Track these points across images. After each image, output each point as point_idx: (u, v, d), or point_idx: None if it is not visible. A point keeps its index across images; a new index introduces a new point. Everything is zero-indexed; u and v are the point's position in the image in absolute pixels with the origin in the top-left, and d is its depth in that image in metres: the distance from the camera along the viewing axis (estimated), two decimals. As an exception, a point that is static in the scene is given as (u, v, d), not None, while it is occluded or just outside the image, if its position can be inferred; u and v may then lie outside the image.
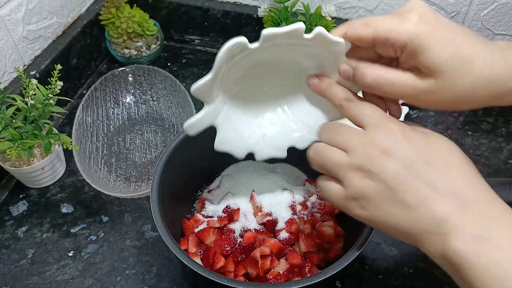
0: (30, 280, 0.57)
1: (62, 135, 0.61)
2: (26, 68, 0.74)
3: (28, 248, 0.60)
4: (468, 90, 0.35)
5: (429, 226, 0.33)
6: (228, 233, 0.52)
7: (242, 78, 0.44)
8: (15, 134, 0.58)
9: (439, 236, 0.32)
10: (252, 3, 0.88)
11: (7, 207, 0.65)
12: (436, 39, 0.34)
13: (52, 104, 0.60)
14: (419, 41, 0.34)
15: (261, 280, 0.50)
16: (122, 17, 0.82)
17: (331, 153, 0.37)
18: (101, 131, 0.71)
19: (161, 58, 0.92)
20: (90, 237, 0.61)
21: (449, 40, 0.34)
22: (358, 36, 0.37)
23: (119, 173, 0.68)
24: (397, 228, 0.34)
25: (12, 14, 0.69)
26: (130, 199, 0.66)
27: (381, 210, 0.35)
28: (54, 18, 0.79)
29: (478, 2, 0.77)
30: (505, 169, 0.70)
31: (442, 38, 0.34)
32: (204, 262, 0.50)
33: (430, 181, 0.33)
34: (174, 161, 0.53)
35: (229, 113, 0.46)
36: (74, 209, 0.65)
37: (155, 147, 0.72)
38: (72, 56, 0.81)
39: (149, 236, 0.61)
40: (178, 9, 0.90)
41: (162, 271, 0.58)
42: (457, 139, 0.74)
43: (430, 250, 0.33)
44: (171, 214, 0.51)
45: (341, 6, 0.84)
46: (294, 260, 0.50)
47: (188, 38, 0.95)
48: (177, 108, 0.74)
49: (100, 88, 0.71)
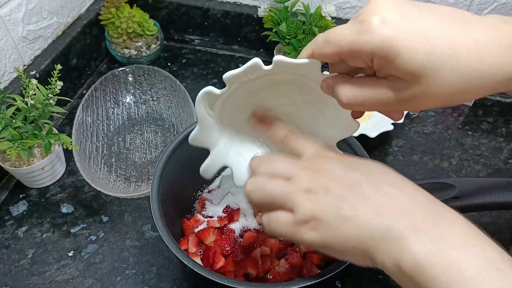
0: (30, 280, 0.57)
1: (62, 135, 0.61)
2: (26, 68, 0.74)
3: (28, 248, 0.60)
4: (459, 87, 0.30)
5: (378, 231, 0.31)
6: (228, 233, 0.52)
7: (241, 114, 0.44)
8: (15, 134, 0.58)
9: (391, 240, 0.31)
10: (252, 3, 0.88)
11: (7, 207, 0.65)
12: (405, 41, 0.30)
13: (52, 104, 0.60)
14: (386, 49, 0.30)
15: (261, 280, 0.50)
16: (122, 17, 0.82)
17: (274, 183, 0.36)
18: (101, 131, 0.71)
19: (161, 58, 0.92)
20: (90, 237, 0.61)
21: (421, 37, 0.30)
22: (323, 55, 0.35)
23: (119, 173, 0.68)
24: (350, 242, 0.33)
25: (12, 14, 0.69)
26: (130, 199, 0.66)
27: (332, 226, 0.33)
28: (54, 18, 0.79)
29: (478, 2, 0.77)
30: (505, 169, 0.70)
31: (412, 38, 0.30)
32: (204, 262, 0.50)
33: (373, 188, 0.33)
34: (174, 161, 0.53)
35: (239, 149, 0.46)
36: (74, 209, 0.65)
37: (155, 147, 0.72)
38: (72, 56, 0.81)
39: (149, 236, 0.61)
40: (178, 9, 0.90)
41: (162, 271, 0.58)
42: (457, 139, 0.75)
43: (385, 259, 0.31)
44: (171, 214, 0.51)
45: (341, 6, 0.84)
46: (294, 260, 0.50)
47: (188, 38, 0.95)
48: (177, 108, 0.74)
49: (100, 88, 0.71)
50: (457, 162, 0.71)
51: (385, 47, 0.30)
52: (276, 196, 0.36)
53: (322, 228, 0.34)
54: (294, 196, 0.35)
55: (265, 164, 0.39)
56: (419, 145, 0.74)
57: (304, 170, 0.36)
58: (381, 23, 0.30)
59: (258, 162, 0.40)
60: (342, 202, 0.33)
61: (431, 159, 0.71)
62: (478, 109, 0.80)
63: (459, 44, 0.30)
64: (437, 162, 0.71)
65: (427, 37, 0.30)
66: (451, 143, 0.74)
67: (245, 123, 0.45)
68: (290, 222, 0.35)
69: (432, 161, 0.71)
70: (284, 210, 0.36)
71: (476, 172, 0.70)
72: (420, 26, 0.30)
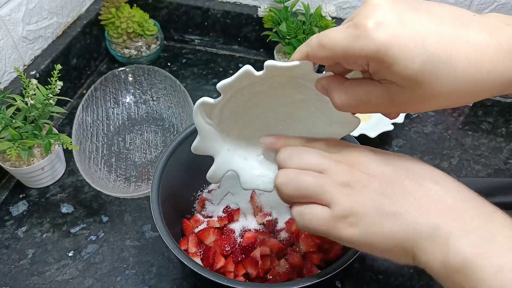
0: (30, 280, 0.57)
1: (62, 135, 0.61)
2: (26, 68, 0.74)
3: (28, 248, 0.60)
4: (454, 93, 0.30)
5: (425, 230, 0.30)
6: (228, 233, 0.52)
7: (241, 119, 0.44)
8: (15, 134, 0.58)
9: (438, 239, 0.30)
10: (252, 3, 0.88)
11: (7, 207, 0.65)
12: (401, 47, 0.28)
13: (52, 104, 0.60)
14: (382, 55, 0.29)
15: (261, 280, 0.50)
16: (122, 17, 0.82)
17: (307, 176, 0.34)
18: (101, 131, 0.71)
19: (161, 58, 0.92)
20: (90, 237, 0.61)
21: (418, 43, 0.28)
22: (318, 59, 0.34)
23: (119, 173, 0.68)
24: (393, 240, 0.31)
25: (12, 14, 0.69)
26: (130, 199, 0.66)
27: (373, 223, 0.32)
28: (54, 18, 0.79)
29: (478, 2, 0.77)
30: (505, 169, 0.70)
31: (409, 44, 0.28)
32: (204, 262, 0.50)
33: (415, 184, 0.32)
34: (174, 161, 0.53)
35: (242, 153, 0.46)
36: (74, 209, 0.65)
37: (155, 147, 0.72)
38: (72, 56, 0.81)
39: (149, 236, 0.61)
40: (178, 9, 0.90)
41: (162, 271, 0.58)
42: (457, 139, 0.75)
43: (430, 259, 0.30)
44: (171, 214, 0.51)
45: (341, 6, 0.84)
46: (294, 260, 0.50)
47: (188, 38, 0.95)
48: (177, 108, 0.74)
49: (100, 88, 0.71)
50: (457, 162, 0.71)
51: (380, 54, 0.29)
52: (311, 188, 0.34)
53: (363, 224, 0.32)
54: (331, 189, 0.33)
55: (295, 157, 0.36)
56: (419, 145, 0.74)
57: (338, 163, 0.34)
58: (376, 27, 0.29)
59: (287, 154, 0.37)
60: (384, 197, 0.32)
61: (431, 159, 0.71)
62: (478, 109, 0.80)
63: (457, 51, 0.29)
64: (437, 162, 0.71)
65: (424, 43, 0.29)
66: (451, 143, 0.74)
67: (246, 128, 0.45)
68: (327, 217, 0.33)
69: (432, 161, 0.71)
70: (319, 204, 0.34)
71: (476, 172, 0.70)
72: (418, 30, 0.29)
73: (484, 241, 0.29)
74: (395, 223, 0.31)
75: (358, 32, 0.29)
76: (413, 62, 0.29)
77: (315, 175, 0.35)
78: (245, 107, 0.43)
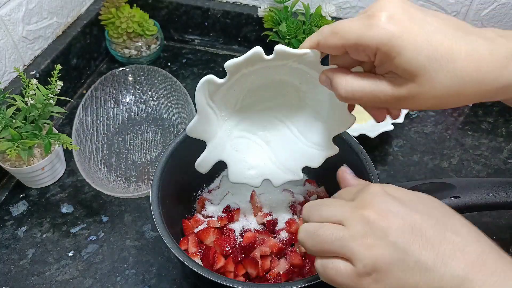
0: (30, 280, 0.57)
1: (62, 135, 0.61)
2: (26, 68, 0.74)
3: (28, 248, 0.60)
4: (452, 91, 0.32)
5: (451, 284, 0.29)
6: (228, 233, 0.52)
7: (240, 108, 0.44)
8: (15, 134, 0.58)
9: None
10: (252, 3, 0.88)
11: (7, 207, 0.65)
12: (409, 40, 0.31)
13: (52, 104, 0.60)
14: (390, 45, 0.32)
15: (261, 280, 0.50)
16: (122, 17, 0.82)
17: (326, 229, 0.34)
18: (101, 131, 0.71)
19: (161, 58, 0.92)
20: (90, 237, 0.61)
21: (424, 39, 0.31)
22: (328, 46, 0.35)
23: (119, 173, 0.68)
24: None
25: (12, 14, 0.69)
26: (130, 199, 0.66)
27: (398, 278, 0.31)
28: (54, 18, 0.79)
29: (478, 2, 0.77)
30: (505, 169, 0.70)
31: (416, 38, 0.31)
32: (204, 262, 0.50)
33: (438, 235, 0.31)
34: (174, 161, 0.53)
35: (235, 144, 0.46)
36: (74, 209, 0.65)
37: (155, 147, 0.72)
38: (72, 56, 0.81)
39: (149, 236, 0.61)
40: (178, 9, 0.90)
41: (162, 271, 0.58)
42: (457, 139, 0.75)
43: None
44: (171, 214, 0.51)
45: (341, 6, 0.84)
46: (294, 260, 0.50)
47: (188, 38, 0.95)
48: (177, 108, 0.74)
49: (100, 88, 0.71)
50: (457, 162, 0.71)
51: (389, 44, 0.32)
52: (330, 244, 0.33)
53: (387, 280, 0.31)
54: (351, 244, 0.32)
55: (315, 210, 0.36)
56: (419, 145, 0.74)
57: (356, 212, 0.33)
58: (388, 19, 0.32)
59: (308, 209, 0.37)
60: (406, 251, 0.30)
61: (431, 159, 0.71)
62: (478, 109, 0.80)
63: (458, 51, 0.32)
64: (437, 162, 0.71)
65: (430, 40, 0.31)
66: (451, 143, 0.74)
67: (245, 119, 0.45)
68: (351, 273, 0.32)
69: (432, 161, 0.71)
70: (341, 258, 0.33)
71: (476, 172, 0.70)
72: (425, 29, 0.32)
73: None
74: (421, 279, 0.30)
75: (371, 21, 0.32)
76: (418, 55, 0.31)
77: (334, 228, 0.33)
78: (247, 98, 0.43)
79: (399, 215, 0.32)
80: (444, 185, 0.49)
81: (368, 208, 0.32)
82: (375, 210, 0.32)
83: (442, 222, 0.32)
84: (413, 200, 0.33)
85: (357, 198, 0.34)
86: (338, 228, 0.33)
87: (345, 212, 0.34)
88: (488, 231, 0.31)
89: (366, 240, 0.31)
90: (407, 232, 0.31)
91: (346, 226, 0.33)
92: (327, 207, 0.35)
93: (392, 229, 0.31)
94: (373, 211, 0.32)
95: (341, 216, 0.34)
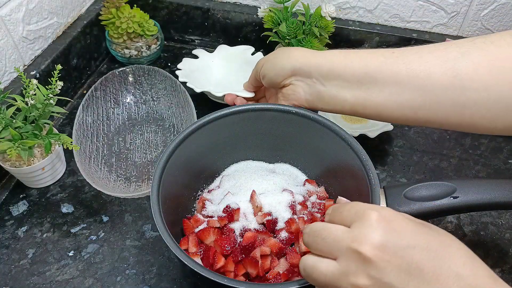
0: (30, 280, 0.57)
1: (62, 135, 0.61)
2: (26, 68, 0.74)
3: (28, 248, 0.60)
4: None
5: None
6: (228, 233, 0.52)
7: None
8: (15, 134, 0.58)
9: None
10: (252, 3, 0.88)
11: (7, 207, 0.65)
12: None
13: (52, 104, 0.60)
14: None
15: (261, 280, 0.50)
16: (122, 17, 0.82)
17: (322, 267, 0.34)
18: (101, 131, 0.71)
19: (161, 58, 0.92)
20: (90, 237, 0.61)
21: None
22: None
23: (119, 173, 0.68)
24: None
25: (12, 14, 0.69)
26: (130, 199, 0.66)
27: None
28: (54, 18, 0.79)
29: (478, 2, 0.77)
30: (505, 169, 0.70)
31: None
32: (204, 262, 0.50)
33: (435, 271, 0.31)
34: (174, 161, 0.53)
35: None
36: (74, 209, 0.65)
37: (155, 147, 0.72)
38: (72, 56, 0.81)
39: (149, 236, 0.62)
40: (178, 9, 0.90)
41: (162, 271, 0.58)
42: (457, 139, 0.75)
43: None
44: (171, 214, 0.51)
45: (341, 6, 0.84)
46: (294, 260, 0.50)
47: (188, 38, 0.95)
48: (177, 108, 0.74)
49: (100, 88, 0.71)
50: (457, 162, 0.71)
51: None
52: (326, 283, 0.34)
53: None
54: (344, 285, 0.33)
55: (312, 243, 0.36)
56: (419, 145, 0.74)
57: (351, 245, 0.33)
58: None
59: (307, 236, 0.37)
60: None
61: (431, 159, 0.72)
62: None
63: None
64: (437, 162, 0.71)
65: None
66: (451, 143, 0.74)
67: None
68: None
69: (432, 161, 0.71)
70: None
71: (476, 172, 0.70)
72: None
73: None
74: None
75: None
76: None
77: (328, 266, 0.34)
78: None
79: (398, 253, 0.31)
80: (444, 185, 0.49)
81: (364, 244, 0.32)
82: (372, 246, 0.32)
83: (440, 257, 0.31)
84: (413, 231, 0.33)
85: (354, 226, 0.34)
86: (334, 266, 0.33)
87: (341, 248, 0.33)
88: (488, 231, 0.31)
89: (358, 279, 0.32)
90: (404, 272, 0.31)
91: (341, 263, 0.33)
92: (323, 239, 0.35)
93: (388, 269, 0.31)
94: (370, 248, 0.32)
95: (337, 251, 0.34)
